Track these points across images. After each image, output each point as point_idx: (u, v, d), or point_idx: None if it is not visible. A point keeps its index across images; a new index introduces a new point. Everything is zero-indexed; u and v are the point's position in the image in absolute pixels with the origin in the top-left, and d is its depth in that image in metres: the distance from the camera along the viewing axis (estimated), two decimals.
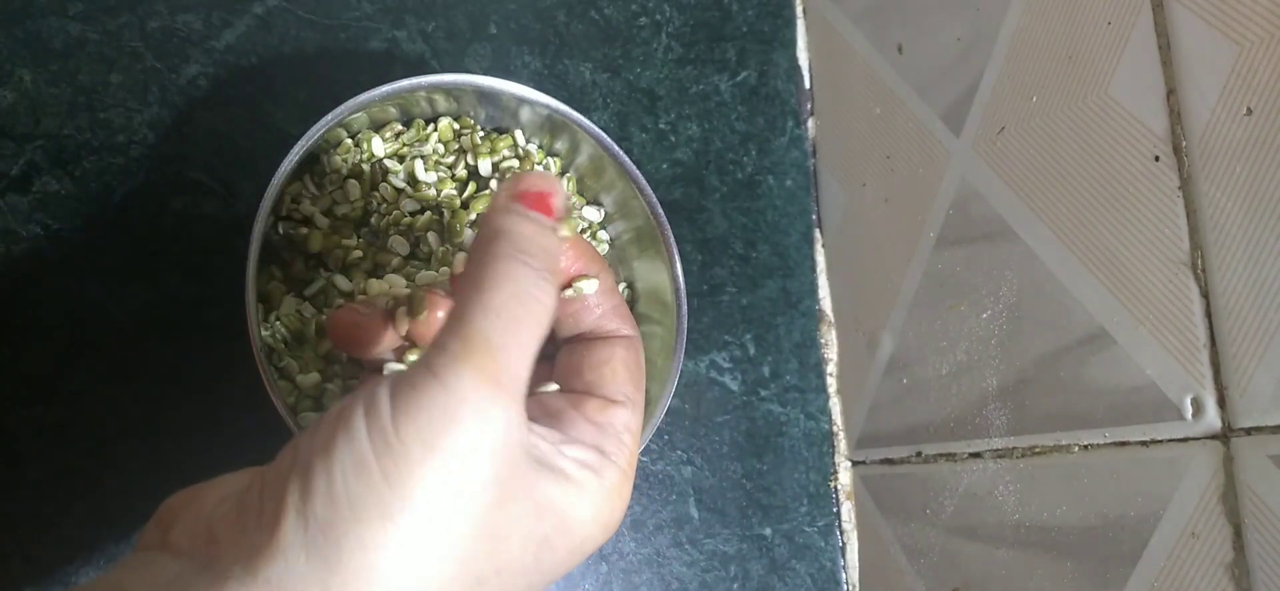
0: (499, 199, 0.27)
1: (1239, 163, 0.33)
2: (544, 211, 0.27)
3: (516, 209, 0.27)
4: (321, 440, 0.23)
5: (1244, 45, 0.33)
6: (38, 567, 0.41)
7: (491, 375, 0.23)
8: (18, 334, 0.42)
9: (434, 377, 0.22)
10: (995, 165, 0.44)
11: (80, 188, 0.43)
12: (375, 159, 0.44)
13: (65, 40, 0.44)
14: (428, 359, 0.23)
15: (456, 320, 0.24)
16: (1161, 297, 0.36)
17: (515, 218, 0.26)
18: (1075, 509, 0.40)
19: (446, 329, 0.24)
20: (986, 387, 0.44)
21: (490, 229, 0.26)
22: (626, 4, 0.54)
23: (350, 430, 0.22)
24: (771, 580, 0.52)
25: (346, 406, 0.23)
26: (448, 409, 0.22)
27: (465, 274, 0.25)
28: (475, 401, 0.23)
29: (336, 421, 0.23)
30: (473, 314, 0.24)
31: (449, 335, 0.23)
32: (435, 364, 0.23)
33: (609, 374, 0.29)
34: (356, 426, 0.22)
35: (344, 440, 0.22)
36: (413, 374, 0.23)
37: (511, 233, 0.26)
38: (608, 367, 0.29)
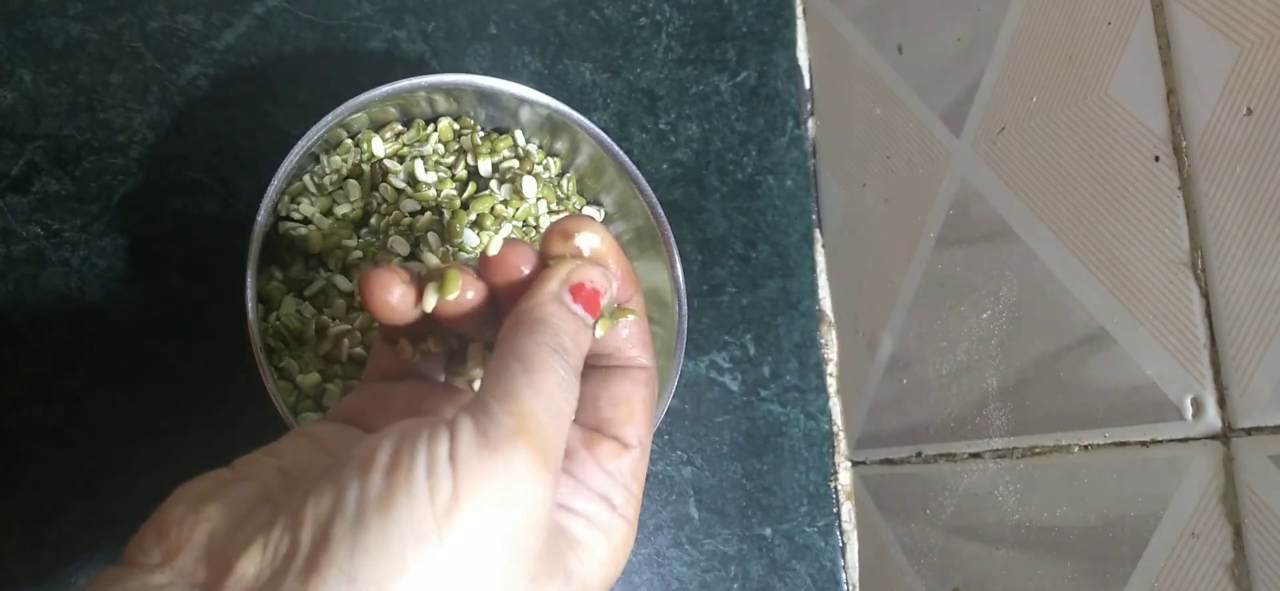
0: (553, 283, 0.28)
1: (1239, 163, 0.33)
2: (590, 311, 0.28)
3: (566, 300, 0.27)
4: (377, 495, 0.22)
5: (1244, 45, 0.33)
6: (38, 567, 0.41)
7: (543, 455, 0.23)
8: (18, 334, 0.42)
9: (495, 452, 0.23)
10: (995, 165, 0.44)
11: (80, 188, 0.43)
12: (375, 159, 0.44)
13: (65, 40, 0.44)
14: (482, 426, 0.23)
15: (506, 394, 0.24)
16: (1162, 298, 0.36)
17: (563, 312, 0.27)
18: (1075, 509, 0.40)
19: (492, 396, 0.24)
20: (986, 388, 0.44)
21: (538, 314, 0.27)
22: (626, 4, 0.54)
23: (412, 492, 0.22)
24: (771, 580, 0.52)
25: (399, 459, 0.23)
26: (507, 486, 0.23)
27: (509, 345, 0.26)
28: (530, 481, 0.23)
29: (391, 475, 0.22)
30: (524, 392, 0.24)
31: (499, 407, 0.24)
32: (494, 437, 0.23)
33: (627, 413, 0.29)
34: (418, 488, 0.22)
35: (404, 499, 0.22)
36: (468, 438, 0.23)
37: (557, 328, 0.26)
38: (626, 406, 0.29)
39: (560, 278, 0.28)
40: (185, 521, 0.24)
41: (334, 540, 0.22)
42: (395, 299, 0.29)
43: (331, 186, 0.43)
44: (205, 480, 0.25)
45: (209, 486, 0.25)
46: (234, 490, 0.24)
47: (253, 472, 0.25)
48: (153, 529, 0.24)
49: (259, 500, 0.24)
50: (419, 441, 0.23)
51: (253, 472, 0.25)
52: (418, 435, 0.23)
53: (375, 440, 0.24)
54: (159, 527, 0.24)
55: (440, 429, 0.23)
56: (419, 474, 0.22)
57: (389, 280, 0.29)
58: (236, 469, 0.26)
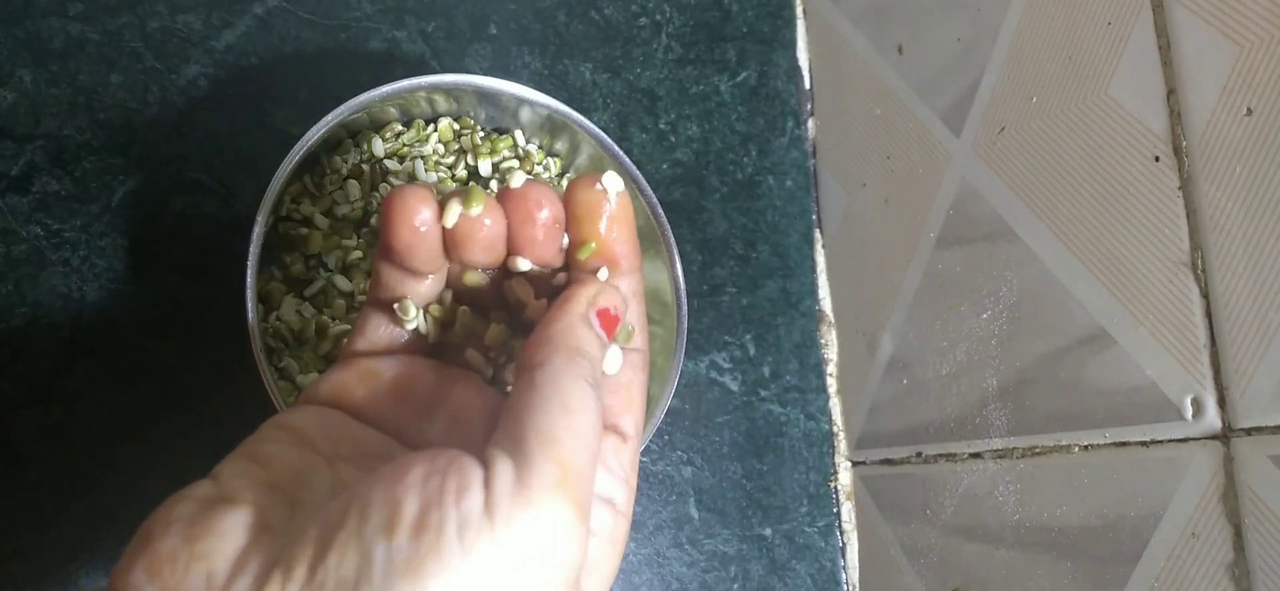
0: (580, 305, 0.27)
1: (1239, 163, 0.33)
2: (608, 333, 0.27)
3: (594, 324, 0.27)
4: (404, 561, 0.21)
5: (1244, 45, 0.33)
6: (38, 567, 0.40)
7: (583, 508, 0.23)
8: (18, 334, 0.42)
9: (535, 507, 0.22)
10: (995, 165, 0.44)
11: (81, 187, 0.43)
12: (375, 159, 0.44)
13: (65, 40, 0.44)
14: (522, 475, 0.22)
15: (547, 437, 0.23)
16: (1162, 298, 0.36)
17: (592, 337, 0.26)
18: (1075, 509, 0.40)
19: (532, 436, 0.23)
20: (987, 388, 0.44)
21: (572, 341, 0.26)
22: (626, 4, 0.54)
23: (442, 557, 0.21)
24: (771, 580, 0.52)
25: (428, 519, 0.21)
26: (546, 542, 0.22)
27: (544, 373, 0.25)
28: (569, 536, 0.22)
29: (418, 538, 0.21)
30: (564, 437, 0.23)
31: (541, 453, 0.22)
32: (534, 489, 0.22)
33: (626, 400, 0.28)
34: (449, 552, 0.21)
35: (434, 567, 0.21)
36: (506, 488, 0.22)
37: (590, 355, 0.26)
38: (626, 392, 0.28)
39: (587, 299, 0.27)
40: (178, 558, 0.22)
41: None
42: (422, 222, 0.27)
43: (331, 186, 0.43)
44: (190, 501, 0.23)
45: (197, 510, 0.23)
46: (227, 518, 0.23)
47: (240, 491, 0.24)
48: (142, 563, 0.22)
49: (257, 530, 0.23)
50: (448, 496, 0.21)
51: (240, 491, 0.24)
52: (447, 487, 0.22)
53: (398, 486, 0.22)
54: (149, 562, 0.22)
55: (470, 477, 0.22)
56: (450, 535, 0.21)
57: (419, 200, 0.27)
58: (220, 482, 0.24)
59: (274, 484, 0.24)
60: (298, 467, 0.25)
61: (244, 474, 0.25)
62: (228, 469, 0.25)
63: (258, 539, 0.22)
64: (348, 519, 0.22)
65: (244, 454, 0.25)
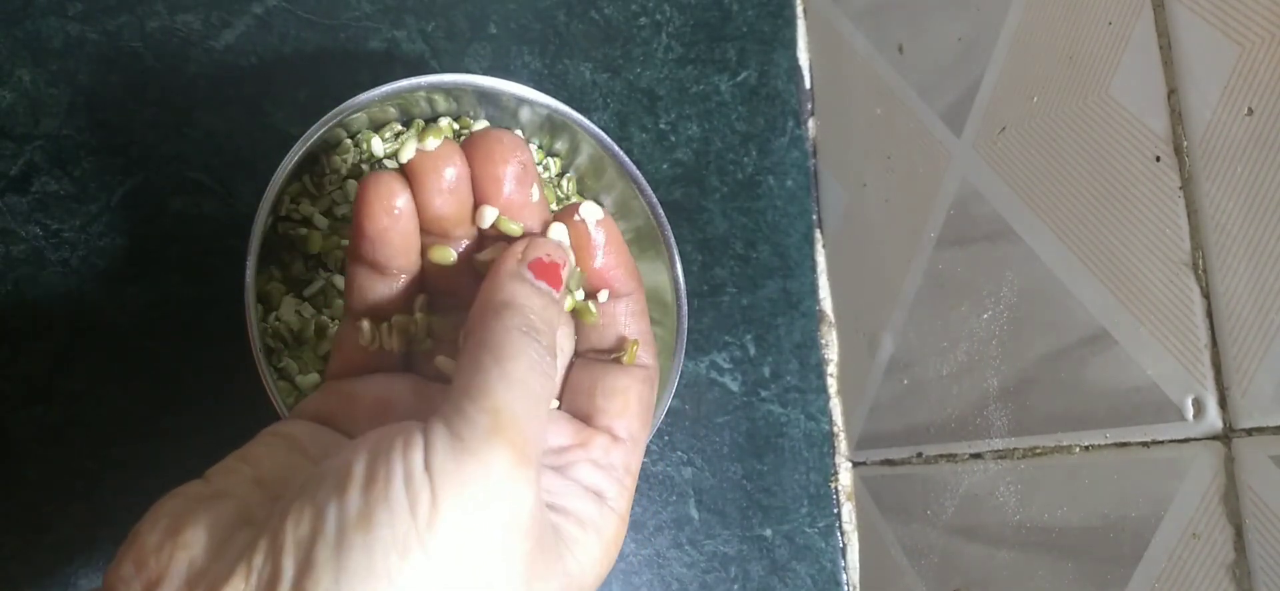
0: (509, 262, 0.27)
1: (1240, 163, 0.33)
2: (552, 284, 0.27)
3: (526, 277, 0.26)
4: (356, 513, 0.21)
5: (1245, 45, 0.33)
6: (37, 567, 0.40)
7: (522, 451, 0.22)
8: (17, 334, 0.42)
9: (470, 455, 0.22)
10: (996, 165, 0.44)
11: (80, 187, 0.43)
12: (375, 159, 0.44)
13: (65, 40, 0.44)
14: (456, 429, 0.22)
15: (479, 390, 0.23)
16: (1162, 298, 0.36)
17: (526, 288, 0.26)
18: (1076, 510, 0.40)
19: (464, 395, 0.23)
20: (987, 388, 0.44)
21: (502, 296, 0.26)
22: (626, 4, 0.54)
23: (391, 506, 0.21)
24: (772, 581, 0.52)
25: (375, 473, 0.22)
26: (488, 487, 0.22)
27: (477, 336, 0.25)
28: (511, 480, 0.22)
29: (368, 491, 0.21)
30: (495, 386, 0.23)
31: (472, 405, 0.23)
32: (467, 438, 0.22)
33: (620, 405, 0.28)
34: (397, 502, 0.21)
35: (384, 516, 0.21)
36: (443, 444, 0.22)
37: (523, 306, 0.25)
38: (620, 398, 0.28)
39: (515, 255, 0.27)
40: (163, 549, 0.23)
41: (318, 564, 0.21)
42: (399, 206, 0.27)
43: (331, 186, 0.43)
44: (179, 498, 0.24)
45: (184, 505, 0.24)
46: (211, 510, 0.23)
47: (228, 487, 0.24)
48: (130, 557, 0.23)
49: (238, 521, 0.23)
50: (394, 452, 0.22)
51: (228, 487, 0.24)
52: (392, 445, 0.22)
53: (350, 453, 0.23)
54: (137, 556, 0.23)
55: (414, 436, 0.22)
56: (397, 487, 0.21)
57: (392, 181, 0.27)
58: (211, 481, 0.25)
59: (260, 481, 0.25)
60: (286, 466, 0.26)
61: (232, 472, 0.25)
62: (218, 469, 0.26)
63: (238, 528, 0.23)
64: (305, 488, 0.23)
65: (236, 456, 0.26)
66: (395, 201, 0.27)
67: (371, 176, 0.27)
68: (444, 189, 0.28)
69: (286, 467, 0.26)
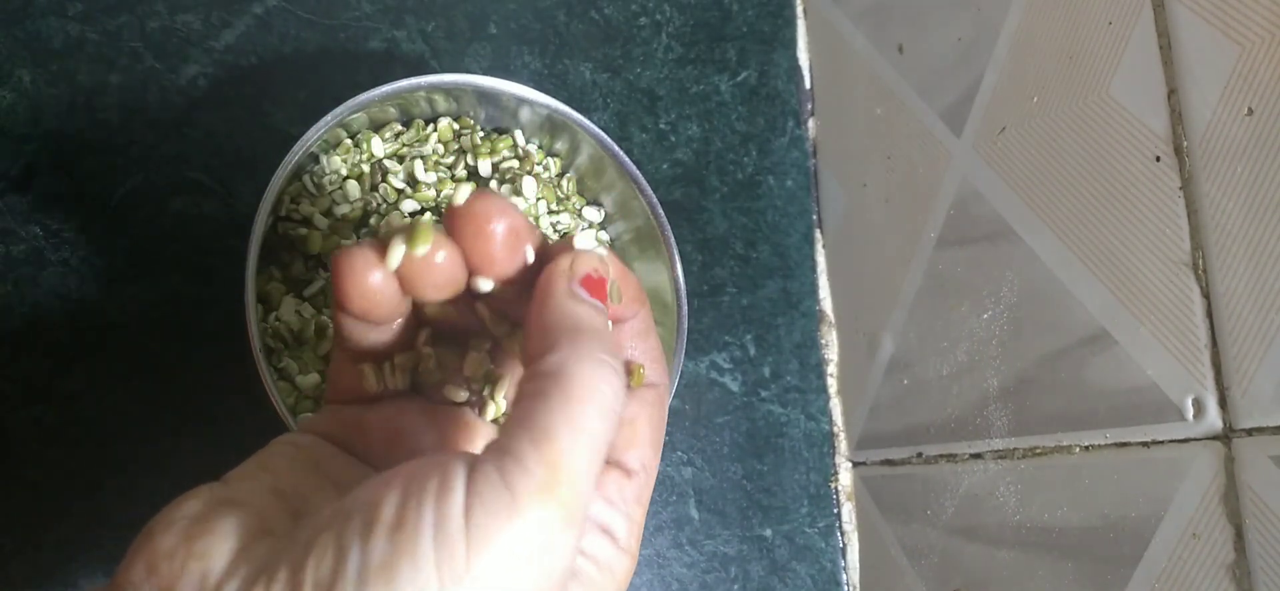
0: (560, 283, 0.24)
1: (1240, 163, 0.33)
2: (601, 299, 0.25)
3: (581, 296, 0.24)
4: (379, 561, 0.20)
5: (1245, 45, 0.33)
6: (37, 567, 0.40)
7: (573, 513, 0.21)
8: (17, 334, 0.42)
9: (519, 513, 0.20)
10: (996, 165, 0.44)
11: (80, 188, 0.43)
12: (375, 159, 0.44)
13: (65, 40, 0.44)
14: (509, 477, 0.21)
15: (541, 434, 0.21)
16: (1162, 298, 0.36)
17: (588, 310, 0.24)
18: (1076, 510, 0.40)
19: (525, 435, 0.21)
20: (987, 388, 0.44)
21: (570, 321, 0.23)
22: (626, 4, 0.54)
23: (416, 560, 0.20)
24: (772, 581, 0.52)
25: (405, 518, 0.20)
26: (529, 549, 0.20)
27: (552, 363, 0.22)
28: (553, 543, 0.21)
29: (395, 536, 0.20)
30: (559, 431, 0.21)
31: (532, 452, 0.21)
32: (519, 492, 0.20)
33: (629, 436, 0.26)
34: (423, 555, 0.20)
35: (408, 570, 0.20)
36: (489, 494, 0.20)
37: (593, 328, 0.23)
38: (629, 428, 0.26)
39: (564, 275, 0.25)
40: (176, 556, 0.22)
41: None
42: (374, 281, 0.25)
43: (331, 186, 0.43)
44: (196, 500, 0.23)
45: (200, 509, 0.23)
46: (229, 518, 0.23)
47: (246, 495, 0.24)
48: (142, 561, 0.22)
49: (255, 533, 0.22)
50: (427, 497, 0.20)
51: (246, 495, 0.24)
52: (426, 488, 0.21)
53: (382, 489, 0.21)
54: (149, 561, 0.22)
55: (453, 478, 0.21)
56: (425, 539, 0.20)
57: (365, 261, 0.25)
58: (229, 485, 0.24)
59: (279, 491, 0.24)
60: (304, 483, 0.25)
61: (252, 477, 0.24)
62: (237, 473, 0.25)
63: (255, 542, 0.22)
64: (333, 521, 0.21)
65: (254, 461, 0.25)
66: (371, 279, 0.25)
67: (342, 256, 0.25)
68: (436, 282, 0.26)
69: (306, 483, 0.25)
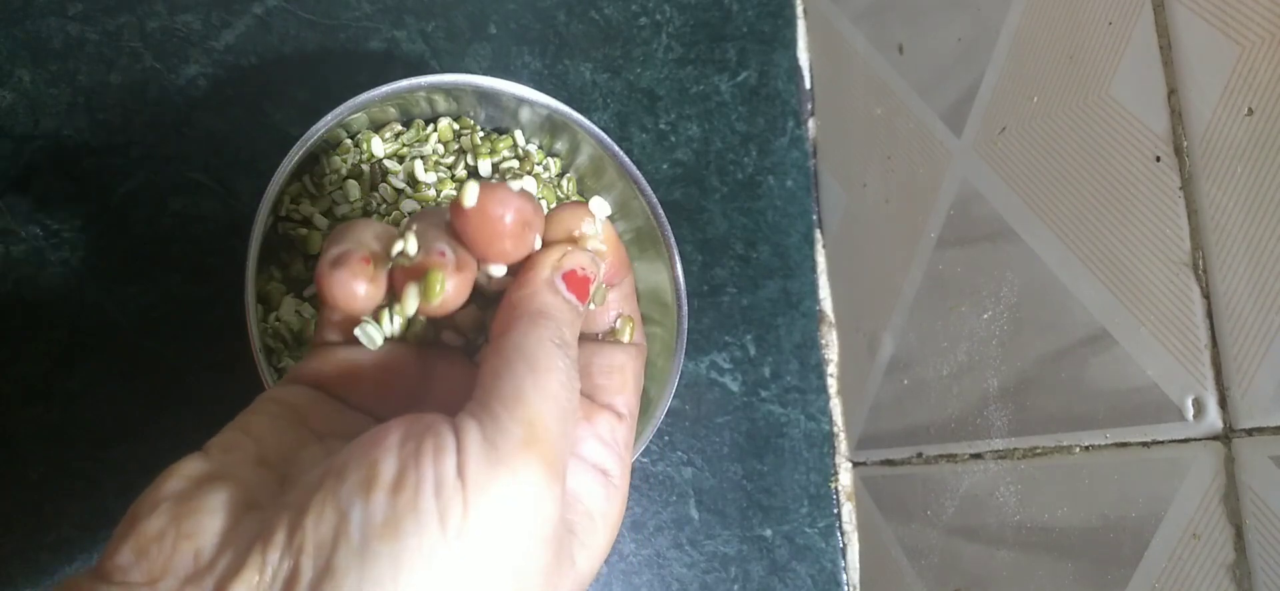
0: (545, 270, 0.27)
1: (1240, 163, 0.33)
2: (580, 298, 0.27)
3: (559, 287, 0.26)
4: (383, 519, 0.21)
5: (1245, 45, 0.33)
6: (37, 567, 0.40)
7: (553, 465, 0.23)
8: (17, 334, 0.42)
9: (504, 466, 0.22)
10: (996, 165, 0.44)
11: (80, 188, 0.43)
12: (375, 159, 0.44)
13: (65, 40, 0.44)
14: (490, 436, 0.22)
15: (514, 398, 0.23)
16: (1163, 298, 0.36)
17: (560, 301, 0.26)
18: (1076, 510, 0.40)
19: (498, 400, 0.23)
20: (987, 388, 0.44)
21: (537, 304, 0.26)
22: (626, 4, 0.54)
23: (420, 515, 0.21)
24: (772, 581, 0.52)
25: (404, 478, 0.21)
26: (518, 501, 0.22)
27: (512, 340, 0.24)
28: (541, 493, 0.22)
29: (396, 496, 0.21)
30: (531, 396, 0.23)
31: (507, 414, 0.23)
32: (502, 448, 0.22)
33: (619, 382, 0.28)
34: (426, 511, 0.21)
35: (412, 524, 0.21)
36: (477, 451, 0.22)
37: (558, 319, 0.25)
38: (619, 375, 0.28)
39: (551, 263, 0.27)
40: (166, 537, 0.22)
41: (339, 569, 0.20)
42: (362, 294, 0.26)
43: (331, 186, 0.43)
44: (178, 477, 0.24)
45: (185, 487, 0.23)
46: (216, 494, 0.23)
47: (230, 467, 0.24)
48: (129, 543, 0.22)
49: (244, 506, 0.23)
50: (425, 456, 0.22)
51: (230, 467, 0.24)
52: (423, 448, 0.22)
53: (375, 448, 0.22)
54: (137, 543, 0.22)
55: (446, 439, 0.22)
56: (427, 495, 0.21)
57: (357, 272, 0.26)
58: (210, 456, 0.24)
59: (264, 459, 0.25)
60: (288, 442, 0.25)
61: (234, 448, 0.25)
62: (219, 442, 0.25)
63: (246, 515, 0.23)
64: (325, 481, 0.22)
65: (237, 426, 0.26)
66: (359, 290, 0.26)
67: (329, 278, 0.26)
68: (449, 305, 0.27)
69: (291, 443, 0.25)
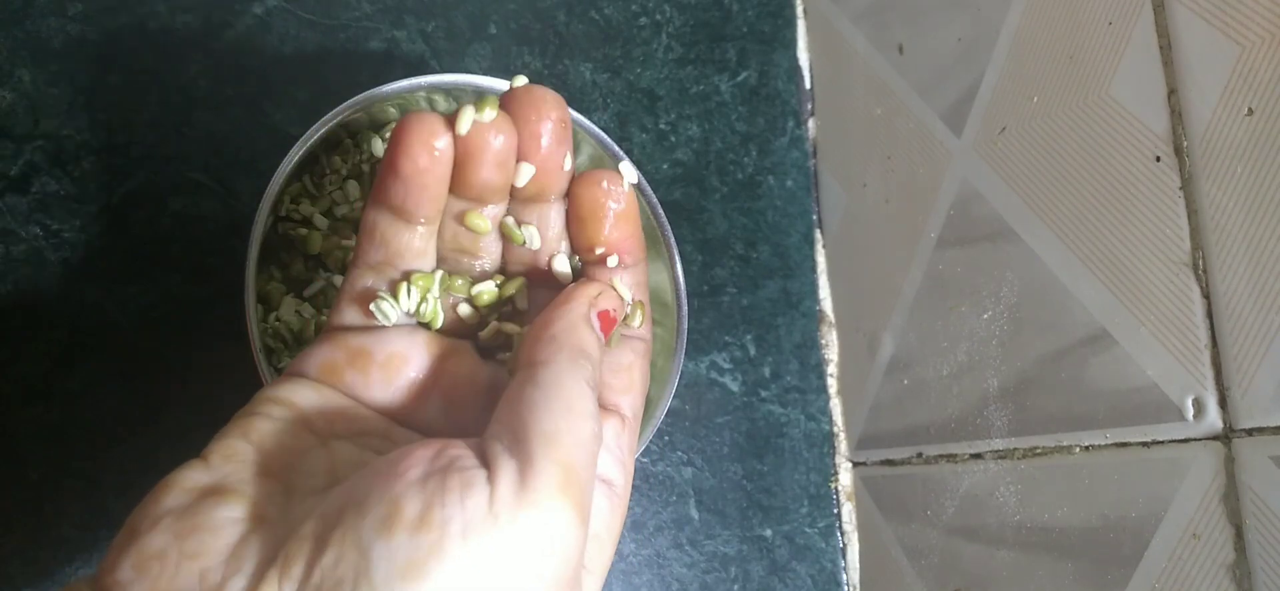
0: (582, 305, 0.27)
1: (1240, 163, 0.33)
2: (606, 335, 0.27)
3: (594, 325, 0.26)
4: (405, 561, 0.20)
5: (1245, 45, 0.33)
6: (37, 567, 0.40)
7: (583, 510, 0.23)
8: (17, 334, 0.42)
9: (538, 509, 0.22)
10: (996, 165, 0.44)
11: (80, 188, 0.43)
12: (375, 159, 0.44)
13: (65, 40, 0.44)
14: (526, 478, 0.22)
15: (551, 440, 0.23)
16: (1163, 298, 0.36)
17: (594, 340, 0.26)
18: (1076, 510, 0.40)
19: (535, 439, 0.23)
20: (987, 388, 0.44)
21: (576, 341, 0.26)
22: (626, 4, 0.54)
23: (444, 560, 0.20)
24: (772, 581, 0.52)
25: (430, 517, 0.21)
26: (549, 543, 0.22)
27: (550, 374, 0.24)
28: (569, 537, 0.22)
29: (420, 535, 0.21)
30: (566, 439, 0.23)
31: (544, 456, 0.22)
32: (537, 491, 0.22)
33: (627, 381, 0.28)
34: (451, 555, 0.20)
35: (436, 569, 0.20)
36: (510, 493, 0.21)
37: (592, 358, 0.25)
38: (626, 375, 0.28)
39: (589, 299, 0.27)
40: (168, 556, 0.21)
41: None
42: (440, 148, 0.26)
43: (331, 186, 0.43)
44: (179, 490, 0.23)
45: (186, 501, 0.23)
46: (219, 510, 0.22)
47: (232, 478, 0.23)
48: (128, 561, 0.22)
49: (250, 524, 0.22)
50: (451, 494, 0.21)
51: (232, 478, 0.23)
52: (449, 484, 0.21)
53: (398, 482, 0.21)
54: (138, 559, 0.21)
55: (473, 476, 0.22)
56: (454, 535, 0.21)
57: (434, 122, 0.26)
58: (211, 465, 0.24)
59: (267, 468, 0.24)
60: (292, 448, 0.25)
61: (236, 456, 0.24)
62: (219, 450, 0.24)
63: (252, 532, 0.22)
64: (345, 515, 0.21)
65: (237, 431, 0.25)
66: (436, 141, 0.26)
67: (412, 114, 0.26)
68: (492, 161, 0.27)
69: (294, 449, 0.25)
